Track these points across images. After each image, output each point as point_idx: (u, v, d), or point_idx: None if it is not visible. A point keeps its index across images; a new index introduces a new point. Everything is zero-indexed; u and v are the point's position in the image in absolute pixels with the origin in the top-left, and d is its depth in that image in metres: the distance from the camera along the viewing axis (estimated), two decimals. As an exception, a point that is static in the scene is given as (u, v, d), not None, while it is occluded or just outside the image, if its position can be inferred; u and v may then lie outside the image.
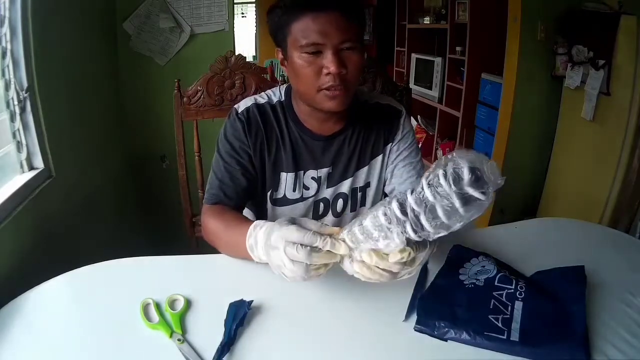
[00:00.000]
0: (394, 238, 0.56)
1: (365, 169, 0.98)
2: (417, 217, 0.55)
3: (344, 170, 0.96)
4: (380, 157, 0.98)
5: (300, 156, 0.94)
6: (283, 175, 0.94)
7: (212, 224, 0.85)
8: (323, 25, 0.78)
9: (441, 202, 0.53)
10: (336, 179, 0.96)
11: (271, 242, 0.64)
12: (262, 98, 0.94)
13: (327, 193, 0.97)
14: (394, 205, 0.57)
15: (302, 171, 0.94)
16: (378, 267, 0.60)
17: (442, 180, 0.53)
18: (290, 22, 0.80)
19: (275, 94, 0.95)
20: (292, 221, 0.65)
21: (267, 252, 0.65)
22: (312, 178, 0.95)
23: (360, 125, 0.95)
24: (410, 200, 0.56)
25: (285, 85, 0.95)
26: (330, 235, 0.61)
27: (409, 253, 0.58)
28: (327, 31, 0.77)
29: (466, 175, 0.52)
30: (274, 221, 0.97)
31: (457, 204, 0.53)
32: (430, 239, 0.58)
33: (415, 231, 0.56)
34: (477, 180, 0.52)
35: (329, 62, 0.78)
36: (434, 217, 0.54)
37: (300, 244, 0.60)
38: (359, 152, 0.96)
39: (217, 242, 0.85)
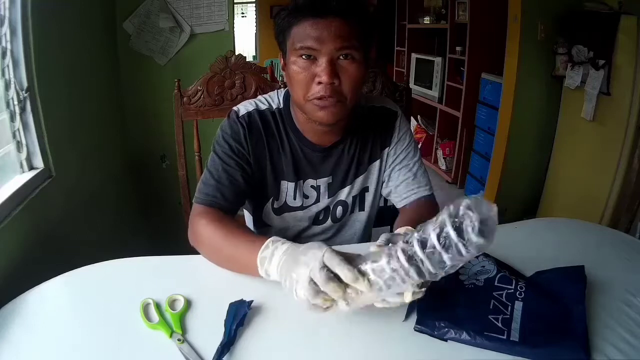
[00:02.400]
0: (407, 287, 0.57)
1: (364, 175, 0.97)
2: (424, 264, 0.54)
3: (343, 179, 0.95)
4: (377, 162, 0.97)
5: (300, 166, 0.92)
6: (284, 183, 0.93)
7: (208, 231, 0.78)
8: (321, 30, 0.75)
9: (446, 253, 0.53)
10: (336, 187, 0.96)
11: (304, 257, 0.61)
12: (262, 104, 0.92)
13: (328, 201, 0.96)
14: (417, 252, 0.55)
15: (302, 180, 0.93)
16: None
17: (451, 234, 0.52)
18: (291, 25, 0.79)
19: (274, 100, 0.93)
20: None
21: (290, 268, 0.62)
22: (312, 187, 0.94)
23: (357, 132, 0.94)
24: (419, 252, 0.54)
25: (283, 91, 0.94)
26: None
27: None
28: (324, 37, 0.75)
29: (475, 233, 0.51)
30: (278, 229, 0.98)
31: (463, 251, 0.52)
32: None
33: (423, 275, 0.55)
34: (482, 232, 0.52)
35: (321, 70, 0.76)
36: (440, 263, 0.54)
37: (327, 269, 0.58)
38: (357, 160, 0.95)
39: (207, 249, 0.80)
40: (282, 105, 0.92)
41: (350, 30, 0.77)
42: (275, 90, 0.96)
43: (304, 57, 0.78)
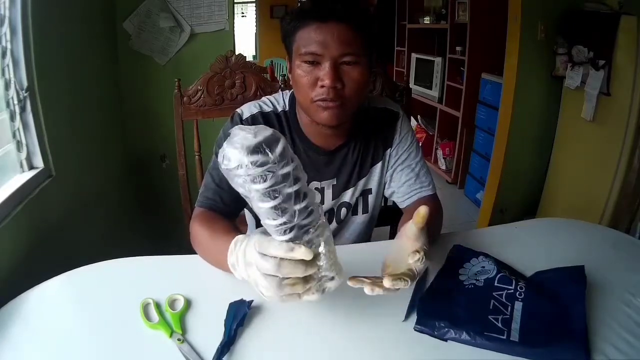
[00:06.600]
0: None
1: (366, 177, 0.97)
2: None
3: (347, 181, 0.95)
4: (380, 164, 0.97)
5: (304, 169, 0.92)
6: None
7: (198, 230, 0.80)
8: (324, 35, 0.76)
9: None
10: (340, 189, 0.96)
11: (246, 257, 0.59)
12: (267, 106, 0.92)
13: (332, 203, 0.96)
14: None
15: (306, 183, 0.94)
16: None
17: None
18: (296, 29, 0.80)
19: (279, 102, 0.93)
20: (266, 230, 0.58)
21: (247, 270, 0.60)
22: (316, 188, 0.94)
23: (360, 134, 0.94)
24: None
25: (289, 93, 0.94)
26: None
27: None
28: (327, 42, 0.76)
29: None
30: None
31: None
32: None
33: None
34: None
35: (324, 74, 0.77)
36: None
37: (270, 255, 0.55)
38: (360, 162, 0.95)
39: (200, 250, 0.81)
40: (287, 108, 0.92)
41: (354, 35, 0.77)
42: (281, 92, 0.96)
43: (308, 62, 0.78)
